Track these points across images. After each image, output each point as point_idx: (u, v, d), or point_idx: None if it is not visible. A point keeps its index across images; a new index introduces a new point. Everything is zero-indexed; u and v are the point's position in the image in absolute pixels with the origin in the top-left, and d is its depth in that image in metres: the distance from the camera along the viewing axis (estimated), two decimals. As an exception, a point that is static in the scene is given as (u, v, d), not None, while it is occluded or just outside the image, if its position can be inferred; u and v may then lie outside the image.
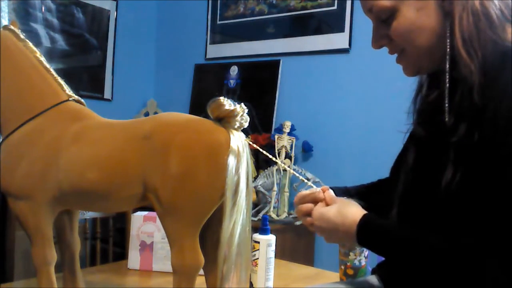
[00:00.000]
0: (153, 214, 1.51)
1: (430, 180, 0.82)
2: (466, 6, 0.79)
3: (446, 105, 0.80)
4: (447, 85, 0.81)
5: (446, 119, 0.80)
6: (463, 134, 0.77)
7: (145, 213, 1.55)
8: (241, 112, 1.02)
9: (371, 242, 0.88)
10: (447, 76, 0.81)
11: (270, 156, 1.10)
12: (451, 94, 0.81)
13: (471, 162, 0.76)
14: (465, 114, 0.77)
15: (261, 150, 1.09)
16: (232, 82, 2.97)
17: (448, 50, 0.81)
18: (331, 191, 1.00)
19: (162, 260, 1.50)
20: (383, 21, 0.86)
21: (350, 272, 1.34)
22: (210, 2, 3.11)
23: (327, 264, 2.01)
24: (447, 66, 0.81)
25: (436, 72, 0.86)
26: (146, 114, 3.16)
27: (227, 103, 1.00)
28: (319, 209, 0.95)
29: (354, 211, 0.90)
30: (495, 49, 0.78)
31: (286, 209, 2.38)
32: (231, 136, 1.00)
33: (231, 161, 0.98)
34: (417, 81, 0.95)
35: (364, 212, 0.90)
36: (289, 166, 2.42)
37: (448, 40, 0.81)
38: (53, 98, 1.11)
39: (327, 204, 0.96)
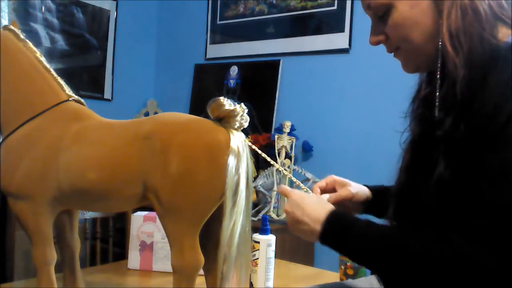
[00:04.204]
0: (153, 214, 1.51)
1: (423, 177, 0.82)
2: (455, 1, 0.81)
3: (436, 100, 0.81)
4: (439, 81, 0.82)
5: (436, 113, 0.81)
6: (449, 127, 0.78)
7: (145, 213, 1.55)
8: (241, 112, 1.02)
9: (336, 235, 0.87)
10: (438, 72, 0.82)
11: (268, 159, 1.10)
12: (440, 89, 0.82)
13: (459, 156, 0.77)
14: (450, 108, 0.79)
15: (259, 152, 1.09)
16: (232, 82, 2.97)
17: (439, 46, 0.82)
18: (327, 195, 1.05)
19: (162, 260, 1.50)
20: (380, 18, 0.88)
21: (350, 272, 1.34)
22: (210, 2, 3.11)
23: (327, 264, 2.01)
24: (439, 61, 0.82)
25: (433, 70, 0.87)
26: (146, 114, 3.16)
27: (227, 103, 1.00)
28: (301, 192, 0.98)
29: (330, 207, 0.91)
30: (482, 44, 0.79)
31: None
32: (231, 136, 1.00)
33: (231, 161, 0.98)
34: (418, 82, 0.96)
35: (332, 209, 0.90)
36: (289, 166, 2.42)
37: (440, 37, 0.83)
38: (53, 98, 1.11)
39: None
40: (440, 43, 0.82)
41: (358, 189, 1.09)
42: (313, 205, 0.92)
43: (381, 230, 0.85)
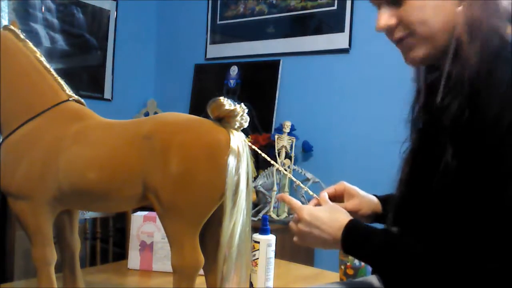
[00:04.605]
0: (153, 214, 1.51)
1: (424, 186, 0.83)
2: None
3: (443, 83, 0.81)
4: (447, 68, 0.81)
5: (439, 98, 0.81)
6: (456, 111, 0.78)
7: (145, 213, 1.55)
8: (241, 112, 1.02)
9: (354, 248, 0.90)
10: (450, 57, 0.81)
11: (268, 159, 1.10)
12: (448, 77, 0.82)
13: (466, 144, 0.77)
14: (457, 94, 0.79)
15: (259, 152, 1.08)
16: (232, 82, 2.97)
17: (455, 32, 0.82)
18: (326, 194, 1.06)
19: (162, 260, 1.50)
20: (394, 1, 0.86)
21: (350, 272, 1.34)
22: (210, 2, 3.11)
23: (327, 264, 2.01)
24: (452, 48, 0.82)
25: (434, 66, 0.87)
26: (146, 114, 3.16)
27: (227, 103, 1.00)
28: (310, 207, 0.98)
29: (343, 217, 0.93)
30: (496, 38, 0.79)
31: (286, 209, 2.38)
32: (231, 136, 1.00)
33: (231, 161, 0.98)
34: (415, 89, 0.96)
35: (351, 218, 0.93)
36: (289, 166, 2.42)
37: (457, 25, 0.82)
38: (53, 98, 1.11)
39: (318, 204, 1.01)
40: (457, 30, 0.81)
41: (365, 202, 1.09)
42: (328, 221, 0.93)
43: (395, 243, 0.86)
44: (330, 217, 0.94)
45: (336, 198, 1.11)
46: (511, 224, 0.72)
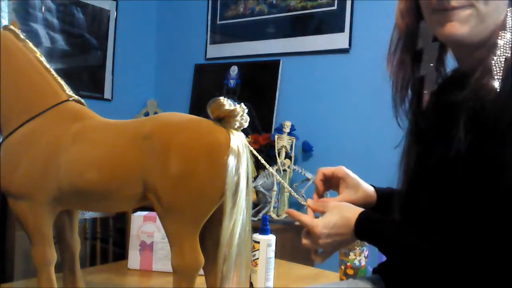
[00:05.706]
0: (153, 214, 1.52)
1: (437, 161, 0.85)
2: None
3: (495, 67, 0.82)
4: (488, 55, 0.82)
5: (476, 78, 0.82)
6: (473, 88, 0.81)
7: (145, 213, 1.55)
8: (241, 112, 1.02)
9: (367, 235, 0.94)
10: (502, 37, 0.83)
11: (263, 162, 1.09)
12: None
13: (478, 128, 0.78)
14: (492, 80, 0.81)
15: (255, 153, 1.08)
16: (232, 82, 2.97)
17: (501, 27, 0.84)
18: (310, 200, 1.06)
19: (162, 260, 1.50)
20: None
21: (350, 272, 1.34)
22: (210, 2, 3.11)
23: (327, 264, 2.00)
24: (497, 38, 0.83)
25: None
26: (146, 114, 3.16)
27: (227, 103, 1.00)
28: (321, 220, 0.98)
29: (353, 211, 0.95)
30: None
31: (286, 209, 2.38)
32: (231, 136, 1.00)
33: (231, 161, 0.98)
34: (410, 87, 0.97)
35: (359, 210, 0.95)
36: (289, 166, 2.42)
37: None
38: (53, 98, 1.11)
39: (315, 210, 1.02)
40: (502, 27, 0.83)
41: (361, 197, 1.09)
42: (343, 223, 0.95)
43: (404, 235, 0.88)
44: (342, 218, 0.96)
45: (332, 181, 1.11)
46: None
